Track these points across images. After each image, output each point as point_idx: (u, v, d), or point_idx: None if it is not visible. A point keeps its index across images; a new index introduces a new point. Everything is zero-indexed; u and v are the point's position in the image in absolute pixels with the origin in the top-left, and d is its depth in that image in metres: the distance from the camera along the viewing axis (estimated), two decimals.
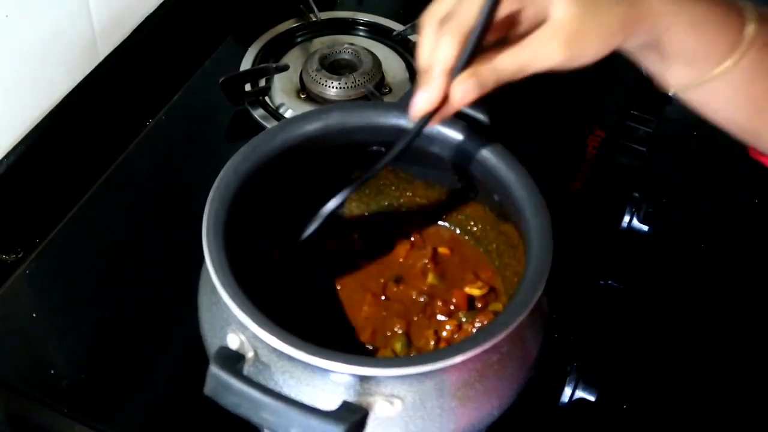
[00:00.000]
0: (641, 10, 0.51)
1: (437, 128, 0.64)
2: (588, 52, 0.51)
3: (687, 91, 0.56)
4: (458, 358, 0.51)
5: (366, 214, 0.74)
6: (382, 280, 0.69)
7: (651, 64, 0.56)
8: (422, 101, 0.53)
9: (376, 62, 0.94)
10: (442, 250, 0.72)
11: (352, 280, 0.69)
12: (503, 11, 0.52)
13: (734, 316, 0.85)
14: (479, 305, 0.67)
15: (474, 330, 0.64)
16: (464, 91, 0.52)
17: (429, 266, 0.70)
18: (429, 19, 0.54)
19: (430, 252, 0.70)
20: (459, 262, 0.71)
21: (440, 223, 0.73)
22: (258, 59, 0.96)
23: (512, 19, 0.53)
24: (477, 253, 0.71)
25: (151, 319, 0.73)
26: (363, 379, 0.52)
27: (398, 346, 0.64)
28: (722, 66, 0.54)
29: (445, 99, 0.53)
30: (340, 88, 0.91)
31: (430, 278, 0.69)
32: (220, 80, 0.88)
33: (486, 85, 0.52)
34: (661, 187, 0.92)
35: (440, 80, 0.52)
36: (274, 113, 0.90)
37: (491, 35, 0.53)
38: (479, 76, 0.51)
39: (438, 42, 0.52)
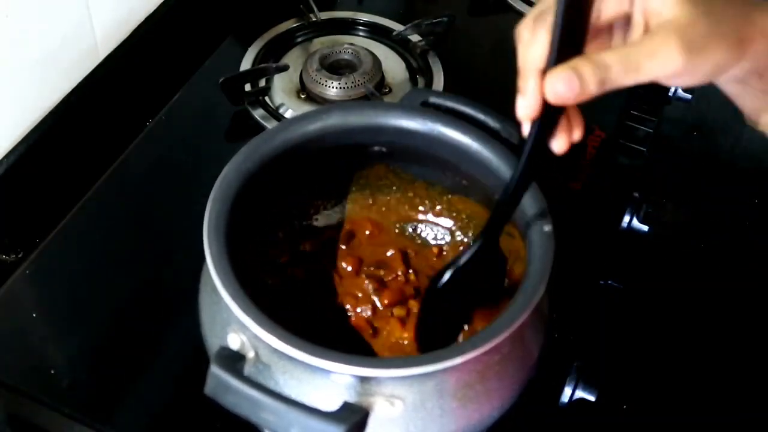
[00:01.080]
0: (757, 27, 0.46)
1: (438, 128, 0.64)
2: (709, 61, 0.46)
3: None
4: (459, 359, 0.51)
5: (366, 215, 0.74)
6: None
7: (751, 96, 0.51)
8: (522, 106, 0.48)
9: (376, 62, 0.94)
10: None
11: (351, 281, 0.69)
12: (608, 10, 0.47)
13: (734, 316, 0.85)
14: None
15: None
16: (557, 86, 0.45)
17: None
18: (526, 19, 0.49)
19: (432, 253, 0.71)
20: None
21: (440, 224, 0.73)
22: (258, 59, 0.96)
23: (622, 24, 0.49)
24: None
25: (151, 319, 0.73)
26: (363, 379, 0.52)
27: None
28: None
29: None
30: (340, 88, 0.91)
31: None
32: (220, 80, 0.88)
33: (587, 84, 0.45)
34: (661, 187, 0.92)
35: (533, 80, 0.47)
36: (274, 113, 0.90)
37: (596, 40, 0.49)
38: (577, 71, 0.45)
39: (531, 41, 0.48)
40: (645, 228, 0.83)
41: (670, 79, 0.47)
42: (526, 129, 0.50)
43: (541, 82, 0.47)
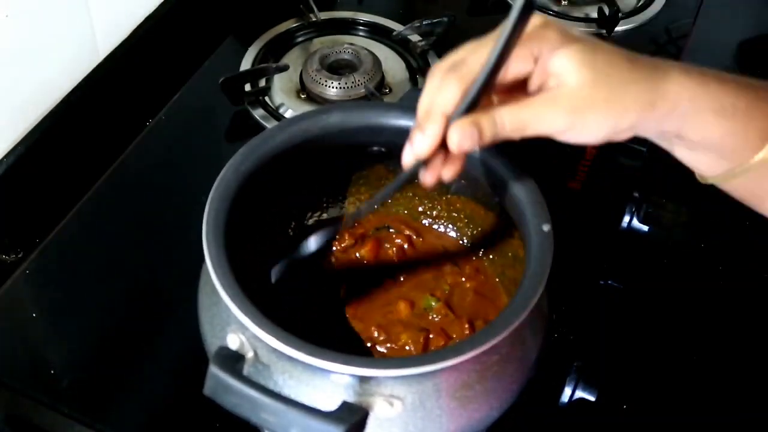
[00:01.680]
0: (658, 93, 0.49)
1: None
2: (593, 125, 0.49)
3: (725, 182, 0.54)
4: (458, 359, 0.51)
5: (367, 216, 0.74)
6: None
7: (680, 153, 0.53)
8: (419, 143, 0.51)
9: (376, 62, 0.94)
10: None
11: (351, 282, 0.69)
12: (513, 69, 0.50)
13: (734, 316, 0.85)
14: None
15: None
16: (461, 137, 0.50)
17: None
18: (439, 65, 0.52)
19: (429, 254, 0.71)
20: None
21: (440, 225, 0.73)
22: (258, 59, 0.96)
23: (523, 81, 0.51)
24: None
25: (151, 319, 0.73)
26: (363, 379, 0.52)
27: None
28: (762, 153, 0.50)
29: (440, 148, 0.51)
30: (340, 88, 0.91)
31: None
32: (220, 80, 0.88)
33: (484, 135, 0.50)
34: (661, 187, 0.92)
35: (438, 123, 0.51)
36: (274, 113, 0.90)
37: (500, 94, 0.52)
38: (477, 125, 0.49)
39: (441, 87, 0.51)
40: (645, 228, 0.83)
41: (559, 137, 0.50)
42: (407, 160, 0.53)
43: (444, 127, 0.50)
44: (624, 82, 0.49)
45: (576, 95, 0.49)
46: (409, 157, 0.53)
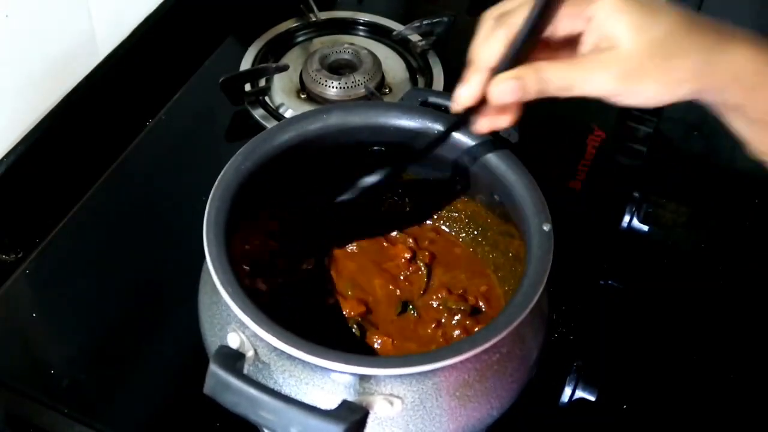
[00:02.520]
0: (720, 65, 0.47)
1: (437, 128, 0.64)
2: (645, 93, 0.48)
3: None
4: (458, 358, 0.51)
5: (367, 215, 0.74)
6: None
7: (737, 125, 0.52)
8: (462, 93, 0.52)
9: (376, 62, 0.94)
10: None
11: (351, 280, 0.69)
12: (564, 27, 0.49)
13: (734, 316, 0.85)
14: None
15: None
16: (502, 90, 0.50)
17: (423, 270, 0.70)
18: (489, 14, 0.52)
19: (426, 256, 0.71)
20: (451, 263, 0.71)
21: (440, 224, 0.73)
22: (258, 59, 0.96)
23: (574, 39, 0.50)
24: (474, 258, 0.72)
25: (151, 318, 0.73)
26: (363, 378, 0.52)
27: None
28: None
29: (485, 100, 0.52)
30: (340, 88, 0.91)
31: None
32: (220, 80, 0.88)
33: (528, 91, 0.49)
34: (661, 187, 0.92)
35: (481, 75, 0.51)
36: (274, 113, 0.90)
37: (548, 51, 0.51)
38: (521, 79, 0.49)
39: (487, 37, 0.51)
40: (645, 228, 0.83)
41: (609, 100, 0.49)
42: (454, 109, 0.54)
43: (488, 80, 0.50)
44: (681, 52, 0.47)
45: (628, 61, 0.47)
46: (455, 107, 0.54)
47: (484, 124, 0.55)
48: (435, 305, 0.68)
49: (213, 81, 0.89)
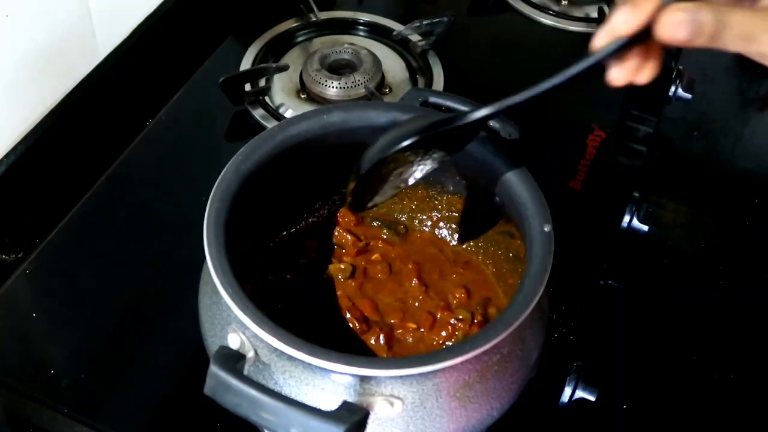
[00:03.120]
0: None
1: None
2: None
3: None
4: (458, 359, 0.51)
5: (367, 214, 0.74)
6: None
7: None
8: (620, 18, 0.43)
9: (376, 62, 0.94)
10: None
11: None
12: None
13: (734, 316, 0.85)
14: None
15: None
16: (674, 24, 0.42)
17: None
18: None
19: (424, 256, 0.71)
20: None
21: (440, 224, 0.73)
22: (258, 59, 0.96)
23: None
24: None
25: (150, 318, 0.73)
26: (363, 379, 0.52)
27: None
28: None
29: (643, 35, 0.43)
30: (340, 88, 0.91)
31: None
32: (220, 80, 0.88)
33: (703, 31, 0.42)
34: (661, 187, 0.92)
35: (650, 3, 0.43)
36: (274, 113, 0.90)
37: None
38: (697, 15, 0.42)
39: None
40: (645, 228, 0.83)
41: None
42: (600, 41, 0.45)
43: (656, 9, 0.43)
44: None
45: None
46: (603, 37, 0.44)
47: (620, 74, 0.46)
48: (435, 311, 0.68)
49: (213, 81, 0.89)
